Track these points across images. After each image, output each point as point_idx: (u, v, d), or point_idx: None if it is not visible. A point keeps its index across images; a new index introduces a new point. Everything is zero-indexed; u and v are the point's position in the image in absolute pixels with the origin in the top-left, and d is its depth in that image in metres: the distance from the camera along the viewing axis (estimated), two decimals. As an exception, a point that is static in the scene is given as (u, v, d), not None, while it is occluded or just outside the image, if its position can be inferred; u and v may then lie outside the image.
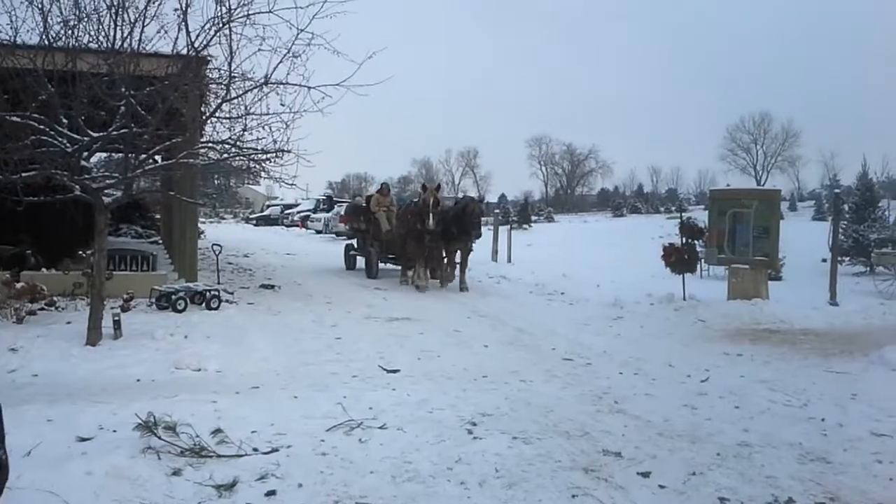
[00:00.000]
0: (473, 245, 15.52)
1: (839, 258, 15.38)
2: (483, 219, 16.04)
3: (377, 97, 9.53)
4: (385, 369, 7.67)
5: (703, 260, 15.99)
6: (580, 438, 5.46)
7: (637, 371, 7.95)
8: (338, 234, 34.27)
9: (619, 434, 5.60)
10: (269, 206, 60.42)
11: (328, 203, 45.23)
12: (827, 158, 67.34)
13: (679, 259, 14.11)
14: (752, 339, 10.03)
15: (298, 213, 48.93)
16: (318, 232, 37.90)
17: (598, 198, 77.67)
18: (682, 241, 14.48)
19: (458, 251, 15.46)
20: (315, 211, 45.01)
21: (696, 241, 14.81)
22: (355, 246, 19.75)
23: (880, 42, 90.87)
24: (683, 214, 16.46)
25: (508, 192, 78.69)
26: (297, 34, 8.59)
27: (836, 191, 22.89)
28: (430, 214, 14.54)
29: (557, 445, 5.26)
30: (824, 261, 17.20)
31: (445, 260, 15.84)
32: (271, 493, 4.28)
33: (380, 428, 5.55)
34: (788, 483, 4.63)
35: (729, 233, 14.09)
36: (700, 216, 17.71)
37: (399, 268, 17.28)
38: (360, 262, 18.93)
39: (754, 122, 74.44)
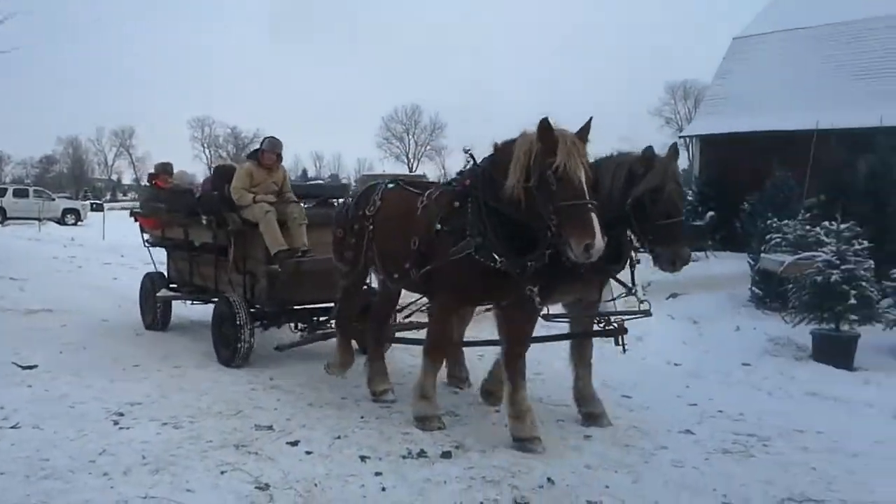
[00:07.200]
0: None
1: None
2: None
3: (10, 68, 8.59)
4: (20, 366, 7.01)
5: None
6: (233, 417, 5.58)
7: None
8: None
9: (272, 409, 5.83)
10: None
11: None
12: (468, 148, 74.56)
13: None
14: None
15: None
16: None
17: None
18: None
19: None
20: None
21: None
22: (174, 279, 9.17)
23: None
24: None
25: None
26: None
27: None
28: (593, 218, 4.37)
29: (209, 427, 5.32)
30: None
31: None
32: None
33: (12, 428, 5.17)
34: (421, 437, 5.20)
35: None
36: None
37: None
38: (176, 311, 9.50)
39: (406, 113, 79.54)
